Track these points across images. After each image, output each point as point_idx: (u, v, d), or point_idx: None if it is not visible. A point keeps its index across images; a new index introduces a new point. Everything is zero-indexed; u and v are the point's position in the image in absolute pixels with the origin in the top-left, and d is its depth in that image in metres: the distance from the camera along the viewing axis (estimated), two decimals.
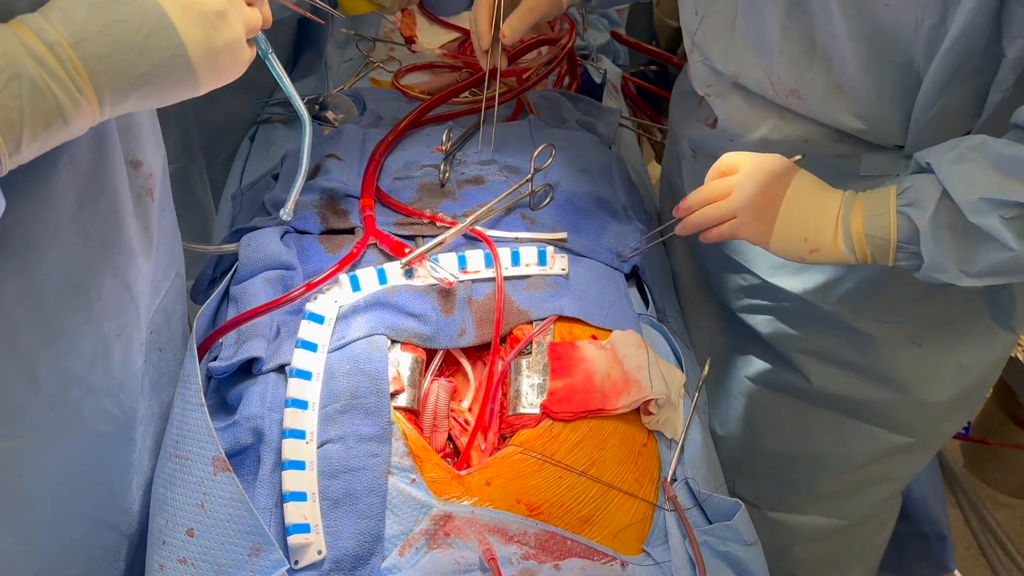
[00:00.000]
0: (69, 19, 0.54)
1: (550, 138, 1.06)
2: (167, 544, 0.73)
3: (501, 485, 0.77)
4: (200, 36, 0.59)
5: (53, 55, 0.54)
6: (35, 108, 0.53)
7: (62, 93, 0.54)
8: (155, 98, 0.60)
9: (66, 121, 0.55)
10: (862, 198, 0.79)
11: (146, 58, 0.57)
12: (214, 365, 0.81)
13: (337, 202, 0.98)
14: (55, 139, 0.56)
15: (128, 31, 0.56)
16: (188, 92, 0.61)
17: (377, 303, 0.86)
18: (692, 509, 0.78)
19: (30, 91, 0.53)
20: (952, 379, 1.01)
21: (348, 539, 0.72)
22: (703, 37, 0.95)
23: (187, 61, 0.59)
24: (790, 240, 0.81)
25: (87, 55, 0.55)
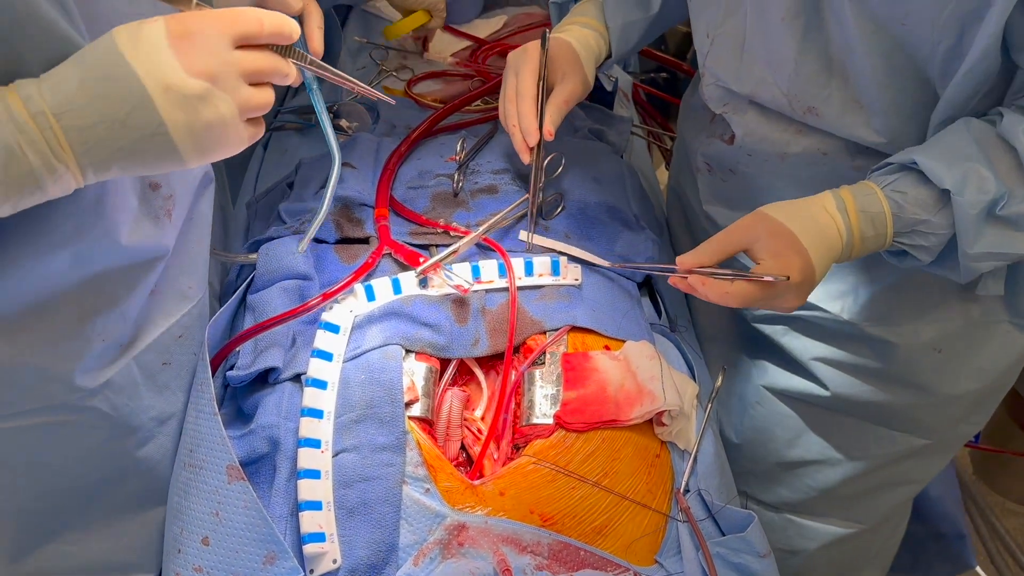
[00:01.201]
0: (59, 89, 0.56)
1: (562, 148, 1.06)
2: (182, 553, 0.74)
3: (515, 495, 0.77)
4: (180, 118, 0.59)
5: (35, 123, 0.55)
6: (7, 172, 0.55)
7: (37, 160, 0.56)
8: (139, 169, 0.61)
9: (40, 186, 0.57)
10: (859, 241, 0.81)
11: (127, 133, 0.58)
12: (232, 374, 0.82)
13: (351, 210, 0.99)
14: (30, 201, 0.58)
15: (111, 106, 0.57)
16: (173, 166, 0.62)
17: (392, 313, 0.86)
18: (705, 520, 0.79)
19: (4, 156, 0.54)
20: (971, 381, 1.01)
21: (363, 548, 0.72)
22: (715, 60, 0.95)
23: (168, 139, 0.59)
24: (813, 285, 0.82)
25: (69, 126, 0.56)
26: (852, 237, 0.80)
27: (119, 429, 0.77)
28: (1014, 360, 1.02)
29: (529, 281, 0.92)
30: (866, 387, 1.03)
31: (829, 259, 0.80)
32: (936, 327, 0.97)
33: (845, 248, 0.80)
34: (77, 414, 0.73)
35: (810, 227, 0.79)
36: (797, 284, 0.78)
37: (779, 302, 0.80)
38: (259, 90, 0.64)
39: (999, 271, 0.90)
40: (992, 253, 0.78)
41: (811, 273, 0.79)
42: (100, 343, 0.71)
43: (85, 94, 0.57)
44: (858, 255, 0.82)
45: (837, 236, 0.80)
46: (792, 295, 0.79)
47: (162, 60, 0.58)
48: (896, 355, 0.99)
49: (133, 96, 0.57)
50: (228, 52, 0.61)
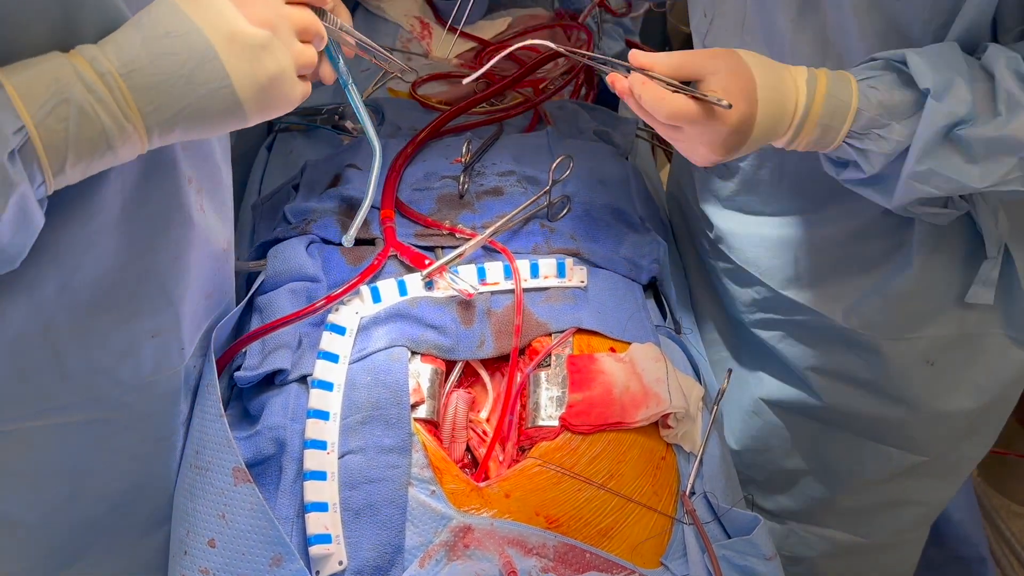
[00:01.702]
0: (123, 51, 0.57)
1: (568, 149, 1.06)
2: (188, 554, 0.74)
3: (520, 497, 0.77)
4: (245, 68, 0.60)
5: (103, 83, 0.56)
6: (81, 133, 0.55)
7: (109, 120, 0.56)
8: (203, 128, 0.62)
9: (111, 147, 0.57)
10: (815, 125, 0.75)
11: (192, 89, 0.59)
12: (239, 375, 0.82)
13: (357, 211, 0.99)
14: (100, 164, 0.58)
15: (176, 63, 0.58)
16: (235, 123, 0.63)
17: (397, 315, 0.86)
18: (711, 523, 0.79)
19: (77, 116, 0.55)
20: (965, 399, 0.99)
21: (368, 550, 0.73)
22: (714, 40, 0.95)
23: (232, 92, 0.60)
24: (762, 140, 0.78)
25: (136, 85, 0.57)
26: (807, 117, 0.75)
27: (152, 432, 0.78)
28: (1011, 378, 0.99)
29: (535, 283, 0.92)
30: (858, 399, 1.02)
31: (773, 127, 0.75)
32: (930, 337, 0.95)
33: (795, 126, 0.75)
34: (116, 411, 0.74)
35: (772, 84, 0.75)
36: (729, 128, 0.73)
37: (699, 141, 0.76)
38: (307, 47, 0.66)
39: (989, 276, 0.88)
40: (935, 172, 0.73)
41: (748, 128, 0.74)
42: (151, 339, 0.72)
43: (149, 53, 0.57)
44: (803, 144, 0.77)
45: (792, 107, 0.75)
46: (717, 138, 0.74)
47: (223, 11, 0.59)
48: (888, 366, 0.98)
49: (198, 50, 0.58)
50: (282, 5, 0.64)
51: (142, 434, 0.77)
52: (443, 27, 1.41)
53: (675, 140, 0.79)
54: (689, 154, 0.80)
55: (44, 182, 0.56)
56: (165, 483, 0.81)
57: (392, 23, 1.41)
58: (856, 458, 1.08)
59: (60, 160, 0.55)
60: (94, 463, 0.75)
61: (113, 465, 0.77)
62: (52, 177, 0.56)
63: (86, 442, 0.74)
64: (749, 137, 0.75)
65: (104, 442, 0.75)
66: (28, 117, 0.53)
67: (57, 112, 0.54)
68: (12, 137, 0.53)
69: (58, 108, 0.54)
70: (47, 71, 0.55)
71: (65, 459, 0.74)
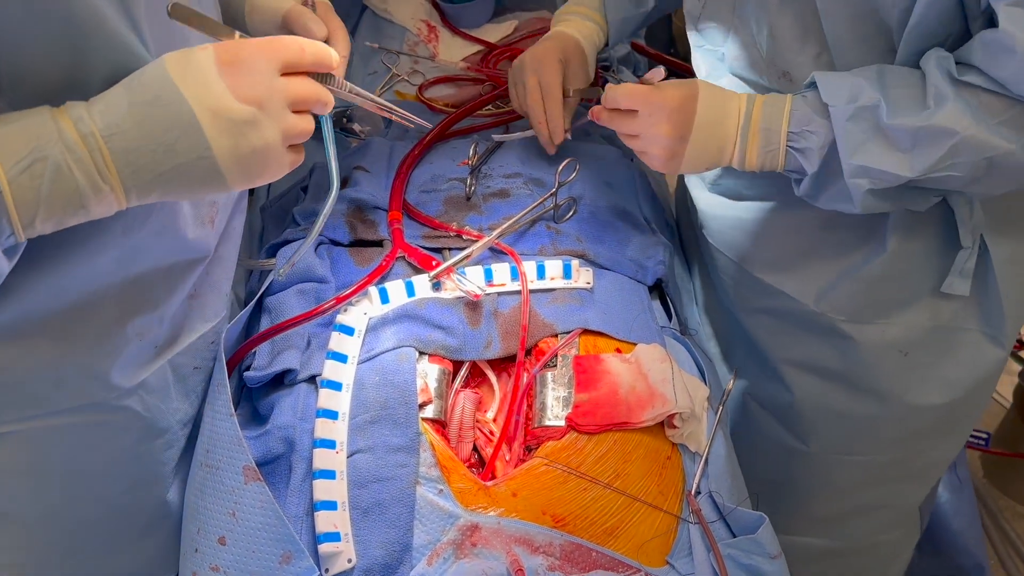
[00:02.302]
0: (109, 112, 0.58)
1: (574, 152, 1.07)
2: (199, 552, 0.75)
3: (527, 496, 0.78)
4: (228, 143, 0.60)
5: (84, 144, 0.57)
6: (54, 191, 0.56)
7: (84, 179, 0.57)
8: (182, 193, 0.62)
9: (84, 205, 0.58)
10: (757, 130, 0.85)
11: (173, 157, 0.59)
12: (249, 375, 0.83)
13: (365, 213, 1.00)
14: (73, 220, 0.59)
15: (159, 131, 0.58)
16: (217, 191, 0.63)
17: (405, 315, 0.87)
18: (716, 522, 0.79)
19: (52, 174, 0.56)
20: (936, 394, 0.99)
21: (377, 548, 0.73)
22: (706, 23, 0.98)
23: (214, 164, 0.60)
24: (693, 170, 0.92)
25: (117, 148, 0.58)
26: (750, 121, 0.84)
27: (149, 431, 0.79)
28: (984, 375, 0.99)
29: (541, 284, 0.93)
30: (829, 393, 1.02)
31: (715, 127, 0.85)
32: (903, 326, 0.96)
33: (740, 129, 0.85)
34: (112, 413, 0.75)
35: (712, 91, 0.87)
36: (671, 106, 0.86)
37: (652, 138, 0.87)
38: (301, 117, 0.65)
39: (965, 267, 0.90)
40: (868, 167, 0.78)
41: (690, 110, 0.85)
42: (137, 342, 0.73)
43: (134, 117, 0.58)
44: (754, 153, 0.85)
45: (736, 111, 0.85)
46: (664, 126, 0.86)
47: (211, 86, 0.59)
48: (860, 354, 0.98)
49: (182, 120, 0.59)
50: (275, 79, 0.62)
51: (138, 434, 0.78)
52: (450, 30, 1.42)
53: (634, 144, 0.91)
54: (646, 157, 0.91)
55: (13, 234, 0.57)
56: (163, 481, 0.82)
57: (399, 26, 1.42)
58: (825, 466, 1.09)
59: (31, 215, 0.56)
60: (91, 464, 0.76)
61: (110, 465, 0.78)
62: (22, 230, 0.57)
63: (83, 443, 0.75)
64: (691, 129, 0.85)
65: (100, 442, 0.76)
66: (2, 174, 0.55)
67: (32, 169, 0.55)
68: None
69: (34, 166, 0.55)
70: (29, 127, 0.56)
71: (62, 460, 0.75)
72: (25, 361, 0.67)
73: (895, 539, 1.23)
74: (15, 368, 0.67)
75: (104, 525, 0.81)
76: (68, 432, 0.73)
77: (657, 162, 0.90)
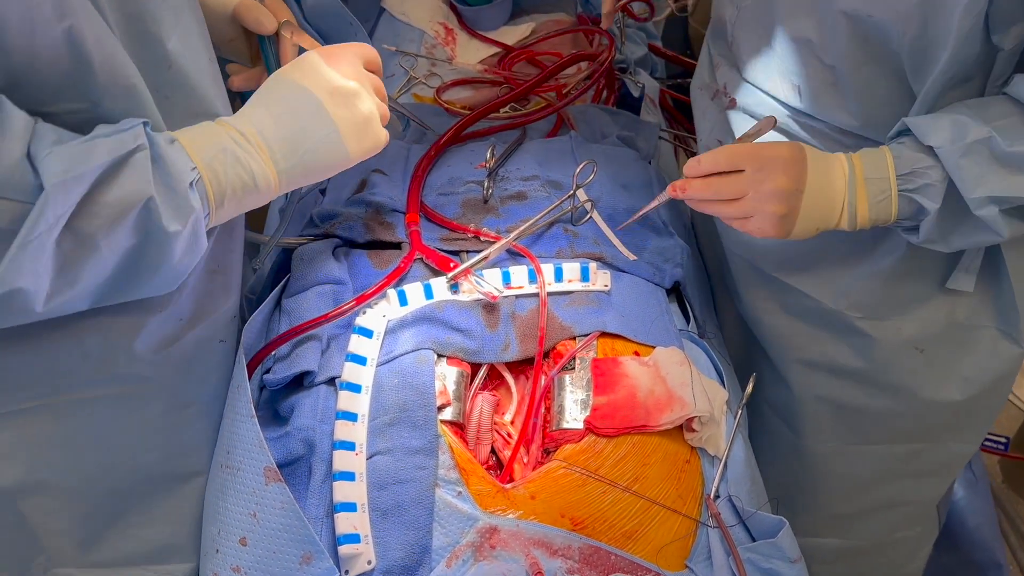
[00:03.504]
0: (254, 117, 0.74)
1: (591, 154, 1.07)
2: (220, 553, 0.76)
3: (545, 499, 0.78)
4: (346, 114, 0.77)
5: (246, 139, 0.72)
6: (235, 173, 0.71)
7: (255, 165, 0.72)
8: (318, 171, 0.78)
9: (257, 186, 0.72)
10: (863, 180, 0.82)
11: (308, 137, 0.75)
12: (268, 377, 0.83)
13: (383, 215, 1.00)
14: (248, 201, 0.73)
15: (294, 118, 0.75)
16: (342, 162, 0.79)
17: (424, 318, 0.87)
18: (735, 526, 0.79)
19: (233, 162, 0.71)
20: (953, 390, 0.99)
21: (397, 550, 0.74)
22: (741, 28, 0.98)
23: (338, 137, 0.77)
24: (805, 232, 0.85)
25: (267, 138, 0.73)
26: (855, 174, 0.82)
27: (175, 402, 0.81)
28: (1001, 372, 0.99)
29: (559, 287, 0.93)
30: (845, 390, 1.02)
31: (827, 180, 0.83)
32: (919, 323, 0.96)
33: (847, 183, 0.82)
34: (137, 384, 0.77)
35: (813, 148, 0.85)
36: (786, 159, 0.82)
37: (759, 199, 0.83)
38: (382, 103, 0.83)
39: (972, 263, 0.90)
40: (995, 197, 0.77)
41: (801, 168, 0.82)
42: (159, 313, 0.76)
43: (271, 116, 0.74)
44: (863, 205, 0.83)
45: (839, 165, 0.83)
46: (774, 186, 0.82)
47: (322, 71, 0.77)
48: (877, 351, 0.98)
49: (309, 104, 0.76)
50: (361, 67, 0.81)
51: (165, 404, 0.80)
52: (467, 32, 1.43)
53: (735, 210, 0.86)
54: (752, 222, 0.85)
55: (208, 214, 0.70)
56: (196, 452, 0.84)
57: (416, 29, 1.43)
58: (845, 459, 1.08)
59: (220, 196, 0.70)
60: (122, 435, 0.79)
61: (142, 436, 0.80)
62: (215, 209, 0.70)
63: (113, 416, 0.78)
64: (806, 180, 0.82)
65: (130, 413, 0.78)
66: (199, 160, 0.68)
67: (218, 158, 0.70)
68: (190, 172, 0.66)
69: (218, 155, 0.70)
70: (206, 130, 0.71)
71: (95, 431, 0.77)
72: (52, 336, 0.71)
73: (914, 536, 1.22)
74: (41, 342, 0.71)
75: (142, 495, 0.83)
76: (97, 404, 0.76)
77: (770, 223, 0.84)
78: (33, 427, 0.74)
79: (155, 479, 0.82)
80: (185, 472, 0.84)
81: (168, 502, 0.84)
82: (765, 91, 0.97)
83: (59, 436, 0.76)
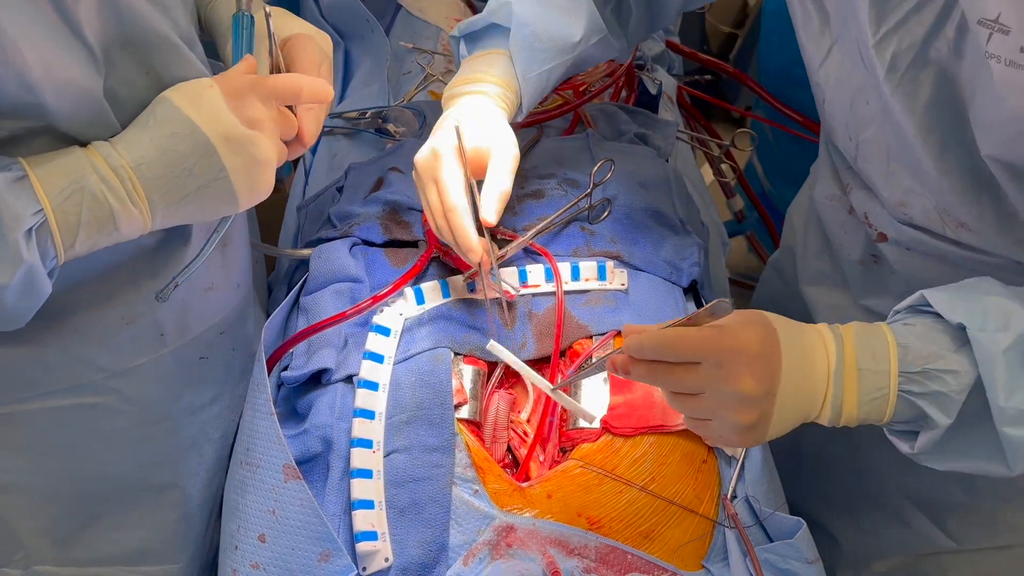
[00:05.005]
0: (133, 147, 0.67)
1: (609, 152, 1.06)
2: (239, 549, 0.76)
3: (562, 498, 0.78)
4: (238, 162, 0.69)
5: (116, 175, 0.65)
6: (92, 215, 0.64)
7: (117, 204, 0.65)
8: (200, 214, 0.71)
9: (117, 227, 0.66)
10: (855, 370, 0.66)
11: (193, 180, 0.68)
12: (286, 374, 0.84)
13: (400, 214, 1.00)
14: (106, 240, 0.67)
15: (180, 158, 0.67)
16: (228, 209, 0.72)
17: (440, 316, 0.88)
18: (752, 527, 0.79)
19: (90, 201, 0.64)
20: None
21: (414, 547, 0.74)
22: (864, 163, 0.85)
23: (228, 182, 0.70)
24: (778, 434, 0.69)
25: (145, 176, 0.66)
26: (844, 365, 0.66)
27: (145, 415, 0.81)
28: None
29: (576, 286, 0.93)
30: None
31: (804, 372, 0.66)
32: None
33: (832, 374, 0.66)
34: (102, 395, 0.78)
35: (789, 325, 0.68)
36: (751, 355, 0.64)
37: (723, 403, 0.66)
38: (283, 146, 0.75)
39: None
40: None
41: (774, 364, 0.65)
42: (126, 326, 0.76)
43: (156, 149, 0.67)
44: (852, 402, 0.66)
45: (821, 347, 0.67)
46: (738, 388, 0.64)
47: (220, 113, 0.68)
48: None
49: (200, 148, 0.67)
50: (272, 110, 0.72)
51: (136, 417, 0.81)
52: None
53: (695, 408, 0.69)
54: (712, 427, 0.69)
55: (56, 256, 0.65)
56: (170, 465, 0.85)
57: (433, 26, 1.42)
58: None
59: (72, 237, 0.64)
60: (90, 443, 0.80)
61: (110, 445, 0.81)
62: (63, 252, 0.65)
63: (79, 424, 0.78)
64: (779, 379, 0.65)
65: (96, 424, 0.79)
66: (47, 202, 0.63)
67: (72, 198, 0.64)
68: (30, 218, 0.62)
69: (73, 195, 0.64)
70: (66, 164, 0.64)
71: (61, 439, 0.78)
72: (11, 345, 0.72)
73: None
74: (4, 350, 0.72)
75: (116, 501, 0.84)
76: (63, 413, 0.77)
77: (735, 433, 0.67)
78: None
79: (128, 488, 0.83)
80: (159, 484, 0.85)
81: (142, 509, 0.85)
82: (922, 228, 0.83)
83: (22, 442, 0.78)
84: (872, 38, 0.73)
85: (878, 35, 0.73)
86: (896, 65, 0.73)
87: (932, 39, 0.70)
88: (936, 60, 0.71)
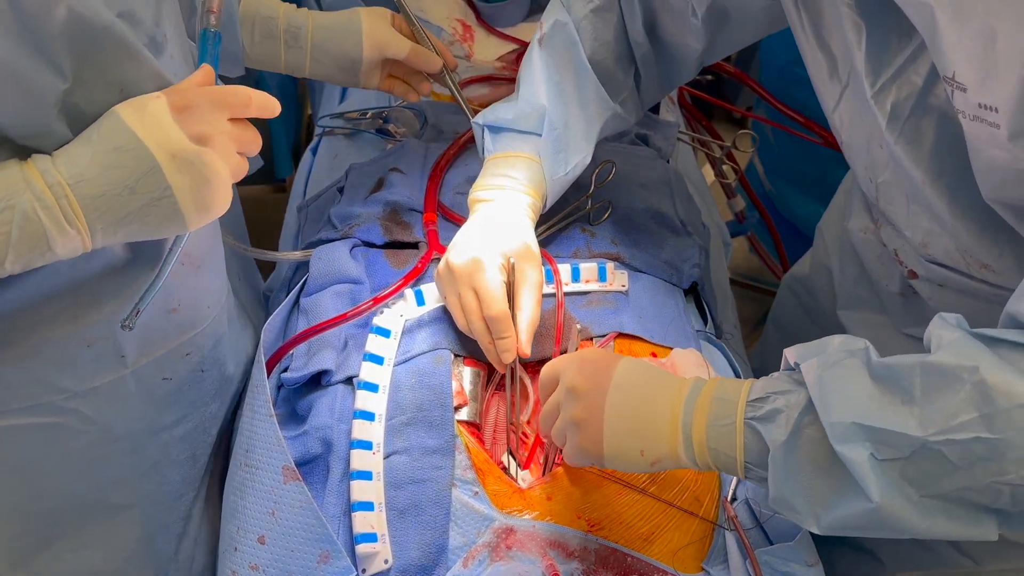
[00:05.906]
0: (73, 163, 0.62)
1: (609, 153, 1.06)
2: (239, 551, 0.76)
3: (562, 500, 0.78)
4: (185, 181, 0.64)
5: (51, 192, 0.61)
6: (22, 235, 0.60)
7: (51, 224, 0.61)
8: (145, 233, 0.66)
9: (50, 248, 0.62)
10: (710, 397, 0.66)
11: (136, 198, 0.63)
12: (286, 376, 0.84)
13: (400, 215, 1.01)
14: (40, 260, 0.63)
15: (122, 175, 0.63)
16: (176, 229, 0.68)
17: (441, 318, 0.88)
18: (752, 529, 0.79)
19: (21, 220, 0.60)
20: None
21: (413, 549, 0.74)
22: (887, 204, 0.85)
23: (173, 201, 0.65)
24: (625, 453, 0.68)
25: (83, 194, 0.62)
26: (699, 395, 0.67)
27: (105, 436, 0.79)
28: None
29: (576, 287, 0.93)
30: None
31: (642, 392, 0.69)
32: None
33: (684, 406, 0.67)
34: (62, 416, 0.76)
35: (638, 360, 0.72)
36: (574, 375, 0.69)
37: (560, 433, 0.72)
38: (242, 159, 0.70)
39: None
40: (861, 425, 0.58)
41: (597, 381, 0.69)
42: (87, 348, 0.74)
43: (98, 166, 0.62)
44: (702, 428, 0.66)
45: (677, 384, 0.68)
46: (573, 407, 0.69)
47: (167, 129, 0.64)
48: None
49: (143, 164, 0.63)
50: (223, 122, 0.67)
51: (95, 437, 0.79)
52: (485, 29, 1.42)
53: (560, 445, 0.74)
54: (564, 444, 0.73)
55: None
56: (127, 484, 0.83)
57: (434, 26, 1.42)
58: None
59: (0, 258, 0.61)
60: (48, 462, 0.78)
61: (68, 464, 0.79)
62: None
63: (37, 444, 0.76)
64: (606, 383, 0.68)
65: (55, 444, 0.77)
66: None
67: (2, 216, 0.60)
68: None
69: (3, 214, 0.60)
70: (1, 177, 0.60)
71: (19, 457, 0.76)
72: None
73: None
74: None
75: (74, 521, 0.83)
76: (22, 432, 0.75)
77: (570, 433, 0.71)
78: None
79: (86, 508, 0.82)
80: (118, 503, 0.84)
81: (101, 529, 0.84)
82: (949, 267, 0.83)
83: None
84: (870, 89, 0.73)
85: (876, 86, 0.73)
86: (897, 114, 0.73)
87: (931, 87, 0.70)
88: (937, 106, 0.71)
